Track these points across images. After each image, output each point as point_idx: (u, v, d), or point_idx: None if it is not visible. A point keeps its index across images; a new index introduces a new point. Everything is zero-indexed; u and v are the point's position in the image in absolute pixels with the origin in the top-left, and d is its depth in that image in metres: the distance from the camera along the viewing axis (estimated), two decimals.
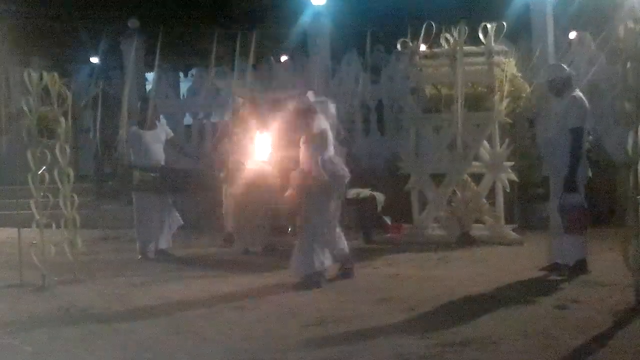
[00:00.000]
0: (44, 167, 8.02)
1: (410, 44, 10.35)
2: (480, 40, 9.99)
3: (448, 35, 10.06)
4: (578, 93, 7.57)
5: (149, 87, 16.20)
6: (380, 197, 10.56)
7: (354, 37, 14.67)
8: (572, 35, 12.93)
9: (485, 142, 10.23)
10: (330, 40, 14.47)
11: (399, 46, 10.58)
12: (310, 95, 7.75)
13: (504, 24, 9.95)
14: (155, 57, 10.84)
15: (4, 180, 14.57)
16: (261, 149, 9.67)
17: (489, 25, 9.90)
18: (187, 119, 15.50)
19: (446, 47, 10.12)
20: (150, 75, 16.69)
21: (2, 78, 16.21)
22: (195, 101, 15.32)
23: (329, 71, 14.24)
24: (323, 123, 7.55)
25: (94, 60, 18.35)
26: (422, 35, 10.18)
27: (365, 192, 10.62)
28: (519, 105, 10.46)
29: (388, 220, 10.78)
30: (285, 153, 8.63)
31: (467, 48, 10.11)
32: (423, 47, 10.37)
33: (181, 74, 22.23)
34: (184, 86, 20.28)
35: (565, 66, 7.93)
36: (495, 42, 9.98)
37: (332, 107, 7.78)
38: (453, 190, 10.21)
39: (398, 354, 5.08)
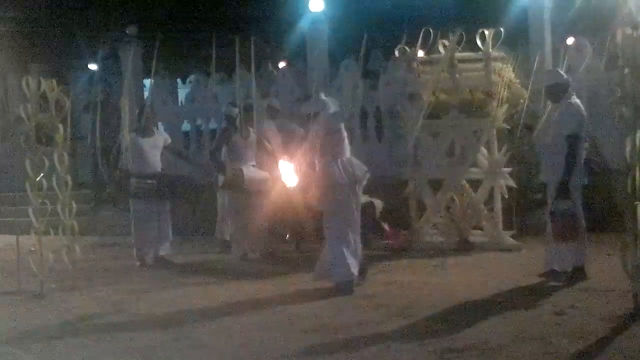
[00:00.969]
0: (42, 174, 8.01)
1: (408, 50, 10.37)
2: (479, 46, 10.01)
3: (446, 42, 10.09)
4: (574, 99, 7.58)
5: (147, 93, 16.21)
6: (378, 203, 10.55)
7: (352, 43, 14.69)
8: (570, 41, 12.94)
9: (483, 148, 10.24)
10: (328, 47, 14.48)
11: (396, 52, 10.59)
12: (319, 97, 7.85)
13: (502, 30, 9.96)
14: (154, 64, 10.84)
15: (2, 187, 14.57)
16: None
17: (486, 32, 9.93)
18: (186, 126, 15.50)
19: (444, 53, 10.14)
20: (148, 82, 16.70)
21: (0, 85, 16.24)
22: (194, 108, 15.31)
23: (327, 77, 14.24)
24: (331, 123, 7.64)
25: (93, 67, 18.36)
26: (419, 41, 10.20)
27: (364, 198, 10.61)
28: (516, 111, 10.45)
29: (386, 226, 10.77)
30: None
31: (465, 54, 10.13)
32: (421, 53, 10.38)
33: (179, 81, 22.24)
34: (182, 93, 20.28)
35: (562, 72, 7.95)
36: (493, 48, 10.00)
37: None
38: (451, 196, 10.22)
39: None
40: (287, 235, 10.74)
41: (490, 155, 10.16)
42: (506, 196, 10.10)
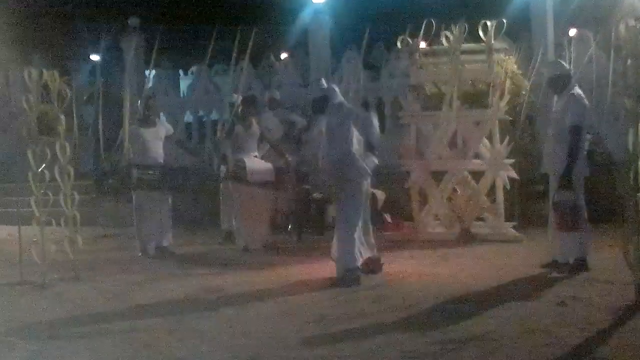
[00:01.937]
0: (44, 165, 8.01)
1: (410, 41, 10.36)
2: (481, 37, 9.99)
3: (448, 33, 10.07)
4: (577, 90, 7.56)
5: (149, 84, 16.21)
6: (380, 194, 10.54)
7: (354, 34, 14.69)
8: (572, 32, 12.92)
9: (485, 140, 10.23)
10: (330, 38, 14.47)
11: (399, 44, 10.57)
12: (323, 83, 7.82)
13: (504, 21, 9.94)
14: (156, 55, 10.86)
15: (4, 177, 14.59)
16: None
17: (489, 23, 9.90)
18: (188, 117, 15.52)
19: (446, 44, 10.12)
20: (150, 73, 16.69)
21: (3, 76, 16.23)
22: (196, 99, 15.32)
23: (329, 68, 14.23)
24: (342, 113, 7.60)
25: (95, 58, 18.35)
26: (422, 32, 10.18)
27: None
28: (519, 103, 10.45)
29: (388, 217, 10.76)
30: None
31: (467, 45, 10.11)
32: (423, 45, 10.37)
33: (181, 72, 22.24)
34: (184, 83, 20.29)
35: (564, 63, 7.93)
36: (495, 39, 9.98)
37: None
38: (453, 187, 10.22)
39: (399, 352, 5.08)
40: (289, 227, 10.74)
41: (493, 146, 10.15)
42: (508, 187, 10.10)
